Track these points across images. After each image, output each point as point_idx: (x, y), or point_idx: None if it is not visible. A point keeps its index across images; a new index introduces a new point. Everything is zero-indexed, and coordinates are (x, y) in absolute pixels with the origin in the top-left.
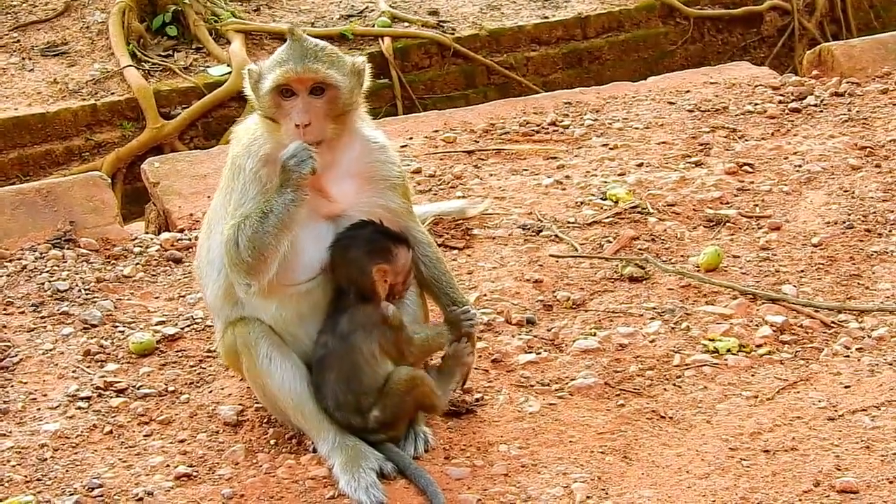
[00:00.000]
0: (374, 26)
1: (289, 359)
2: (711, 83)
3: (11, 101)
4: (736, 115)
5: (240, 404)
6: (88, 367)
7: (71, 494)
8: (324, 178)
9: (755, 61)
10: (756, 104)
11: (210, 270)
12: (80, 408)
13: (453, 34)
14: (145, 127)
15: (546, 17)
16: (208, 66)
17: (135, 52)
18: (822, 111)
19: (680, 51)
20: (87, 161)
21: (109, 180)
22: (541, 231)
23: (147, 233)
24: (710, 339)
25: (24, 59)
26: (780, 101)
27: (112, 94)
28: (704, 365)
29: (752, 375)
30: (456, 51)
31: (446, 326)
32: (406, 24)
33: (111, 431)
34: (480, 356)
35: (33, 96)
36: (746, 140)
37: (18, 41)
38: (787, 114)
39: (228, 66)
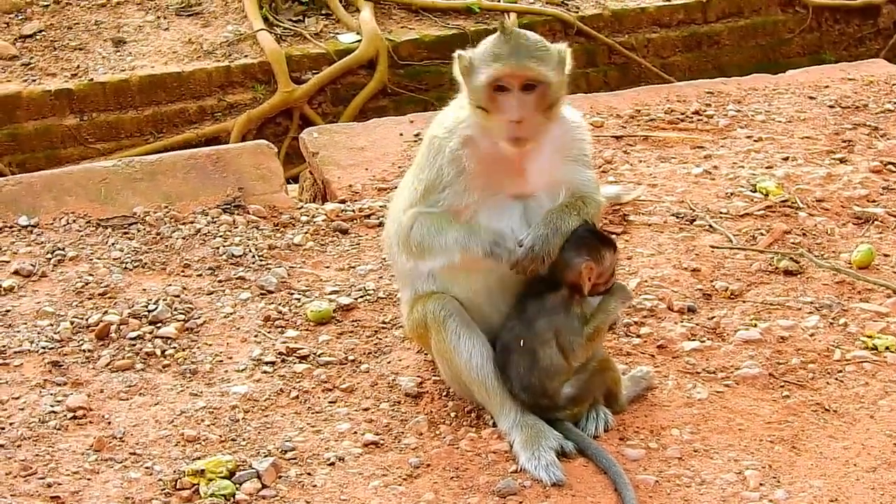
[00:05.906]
0: (500, 1)
1: (476, 337)
2: (849, 79)
3: (148, 58)
4: (877, 114)
5: (418, 376)
6: (269, 332)
7: (266, 456)
8: (525, 161)
9: (870, 53)
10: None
11: (398, 243)
12: (265, 372)
13: (577, 13)
14: (276, 90)
15: (668, 0)
16: (338, 33)
17: (266, 16)
18: None
19: (797, 39)
20: (218, 121)
21: (276, 149)
22: (694, 220)
23: (300, 200)
24: (868, 336)
25: (159, 17)
26: None
27: (245, 56)
28: (865, 361)
29: None
30: (579, 29)
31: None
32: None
33: (297, 396)
34: (646, 341)
35: (168, 55)
36: (889, 139)
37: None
38: None
39: (358, 33)
